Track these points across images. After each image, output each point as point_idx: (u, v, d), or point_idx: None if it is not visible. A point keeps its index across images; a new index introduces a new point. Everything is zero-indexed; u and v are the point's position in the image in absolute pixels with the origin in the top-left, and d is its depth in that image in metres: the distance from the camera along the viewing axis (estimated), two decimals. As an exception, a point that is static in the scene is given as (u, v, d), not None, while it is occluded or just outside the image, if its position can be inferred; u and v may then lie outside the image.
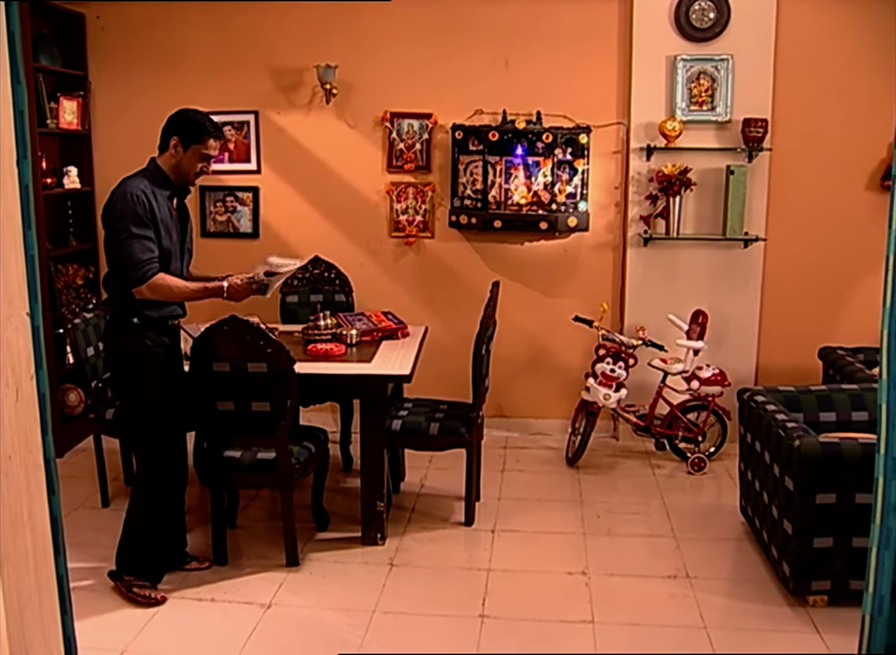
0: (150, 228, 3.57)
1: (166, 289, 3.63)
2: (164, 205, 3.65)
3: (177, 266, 3.75)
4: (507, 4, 5.62)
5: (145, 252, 3.57)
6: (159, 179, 3.68)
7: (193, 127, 3.68)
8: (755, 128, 5.40)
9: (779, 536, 3.84)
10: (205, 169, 3.74)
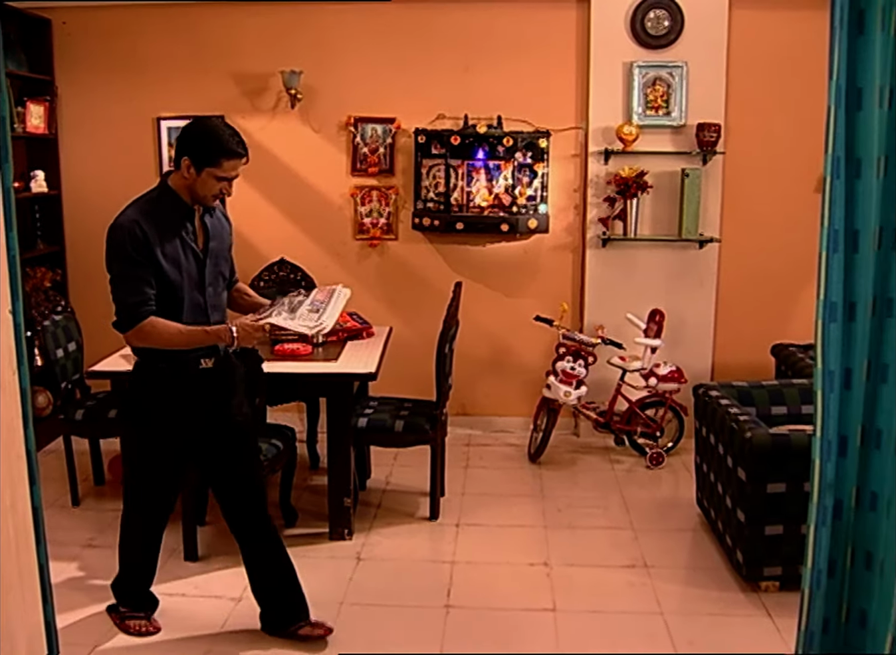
0: (144, 267, 3.13)
1: (155, 336, 3.19)
2: (170, 233, 3.20)
3: (196, 299, 3.29)
4: (467, 11, 5.74)
5: (133, 294, 3.14)
6: (167, 203, 3.23)
7: (206, 146, 3.12)
8: (709, 132, 5.56)
9: (732, 525, 3.99)
10: (224, 191, 3.22)
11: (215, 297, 3.38)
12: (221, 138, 3.12)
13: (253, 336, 3.23)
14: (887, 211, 1.80)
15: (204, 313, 3.31)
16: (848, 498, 1.95)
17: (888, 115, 1.77)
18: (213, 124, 3.19)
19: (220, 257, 3.39)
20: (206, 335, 3.24)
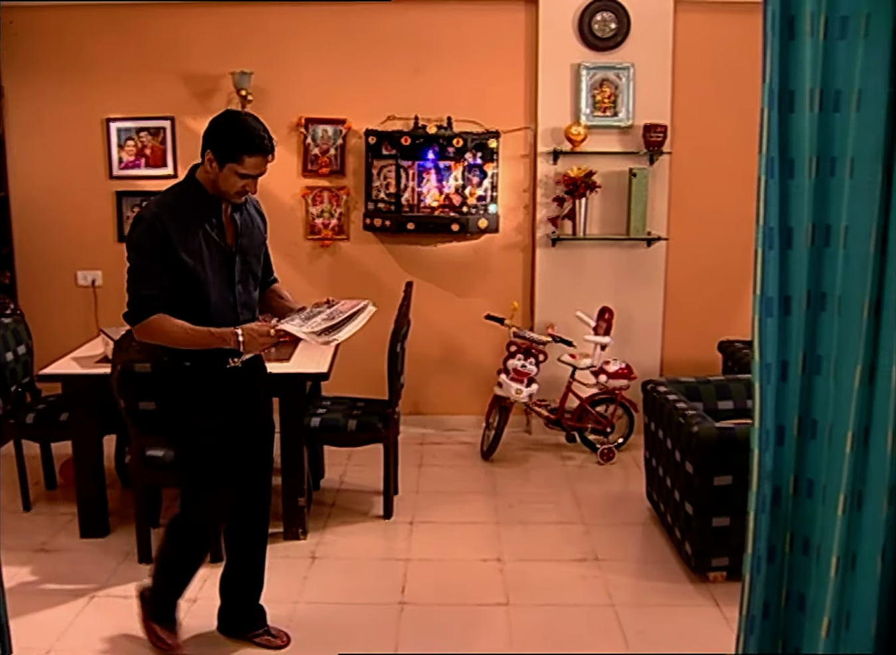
0: (160, 262, 3.04)
1: (160, 334, 3.10)
2: (194, 228, 3.09)
3: (225, 296, 3.18)
4: (417, 13, 5.78)
5: (145, 288, 3.06)
6: (192, 196, 3.13)
7: (228, 140, 3.01)
8: (655, 132, 5.66)
9: (681, 518, 4.07)
10: (248, 188, 3.10)
11: (245, 295, 3.26)
12: (245, 133, 3.01)
13: (259, 341, 3.07)
14: (819, 209, 1.88)
15: (233, 311, 3.20)
16: (786, 486, 2.02)
17: (819, 117, 1.84)
18: (238, 118, 3.07)
19: (251, 254, 3.28)
20: (210, 337, 3.09)
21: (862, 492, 1.93)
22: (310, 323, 3.12)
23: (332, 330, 3.08)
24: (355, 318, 3.17)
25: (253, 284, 3.32)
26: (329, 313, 3.17)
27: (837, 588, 1.96)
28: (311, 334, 3.04)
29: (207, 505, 3.36)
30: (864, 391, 1.87)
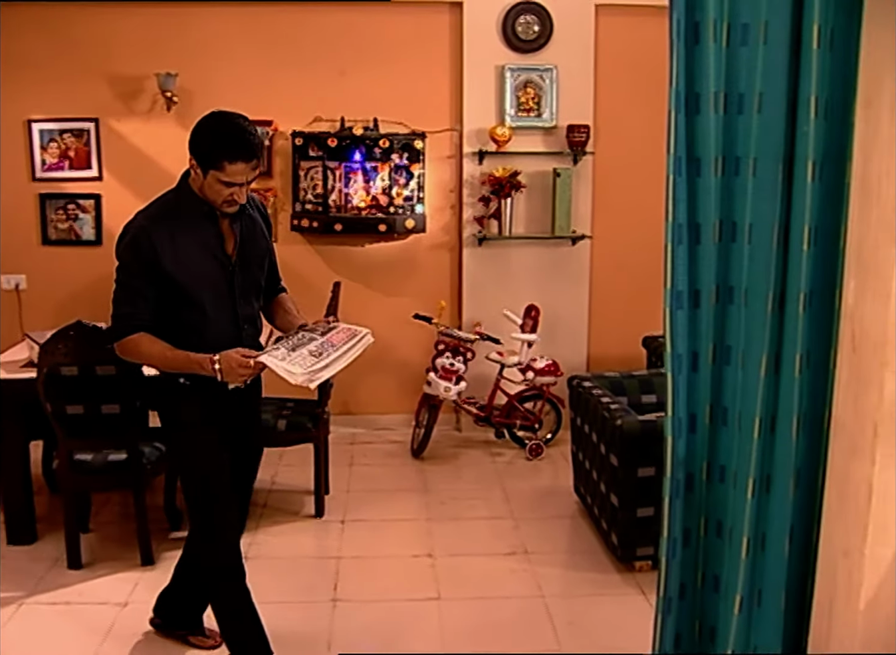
0: (144, 279, 2.85)
1: (136, 354, 2.94)
2: (187, 238, 2.89)
3: (225, 311, 2.98)
4: (343, 15, 5.80)
5: (125, 305, 2.90)
6: (184, 204, 2.92)
7: (208, 146, 2.76)
8: (578, 133, 5.77)
9: (607, 509, 4.17)
10: (235, 197, 2.83)
11: (248, 309, 3.06)
12: (225, 137, 2.76)
13: (237, 372, 2.82)
14: (726, 206, 1.97)
15: (234, 326, 3.00)
16: (699, 472, 2.11)
17: (724, 119, 1.93)
18: (220, 120, 2.82)
19: (253, 264, 3.05)
20: (188, 362, 2.88)
21: (770, 476, 2.02)
22: (295, 355, 2.82)
23: (315, 366, 2.78)
24: (348, 351, 2.91)
25: (256, 296, 3.12)
26: (320, 344, 2.89)
27: (748, 567, 2.06)
28: (291, 373, 2.73)
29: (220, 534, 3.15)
30: (770, 380, 1.97)
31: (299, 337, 2.95)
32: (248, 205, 3.02)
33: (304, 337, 2.94)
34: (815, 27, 1.83)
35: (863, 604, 1.90)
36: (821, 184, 1.91)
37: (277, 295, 3.33)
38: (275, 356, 2.79)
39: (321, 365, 2.79)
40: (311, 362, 2.79)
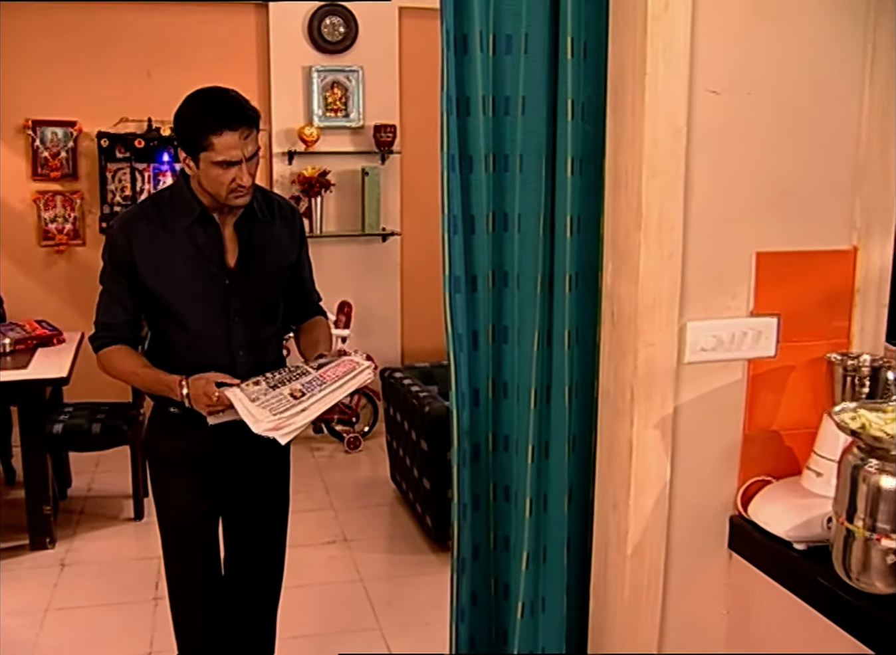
0: (123, 284, 2.51)
1: (111, 369, 2.58)
2: (173, 243, 2.50)
3: (214, 331, 2.55)
4: (148, 15, 5.78)
5: (103, 313, 2.57)
6: (176, 203, 2.53)
7: (189, 127, 2.40)
8: (385, 132, 5.96)
9: (421, 494, 4.36)
10: (238, 181, 2.40)
11: (249, 332, 2.58)
12: (204, 111, 2.39)
13: (202, 402, 2.41)
14: (497, 199, 2.16)
15: (226, 350, 2.55)
16: (484, 442, 2.30)
17: (492, 120, 2.12)
18: (197, 96, 2.45)
19: (260, 280, 2.59)
20: (158, 382, 2.51)
21: (548, 442, 2.23)
22: (271, 396, 2.38)
23: (290, 415, 2.32)
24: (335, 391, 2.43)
25: (265, 317, 2.64)
26: (308, 381, 2.42)
27: (533, 527, 2.26)
28: (255, 420, 2.30)
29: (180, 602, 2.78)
30: (543, 354, 2.18)
31: (290, 370, 2.51)
32: (263, 209, 2.61)
33: (296, 372, 2.48)
34: (569, 40, 2.04)
35: (630, 550, 2.14)
36: (581, 178, 2.13)
37: (308, 319, 2.86)
38: (247, 393, 2.39)
39: (295, 410, 2.32)
40: (285, 406, 2.33)
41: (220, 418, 2.45)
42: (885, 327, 2.28)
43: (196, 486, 2.64)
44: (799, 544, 2.03)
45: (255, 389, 2.40)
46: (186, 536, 2.70)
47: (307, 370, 2.48)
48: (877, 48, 2.09)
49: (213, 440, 2.54)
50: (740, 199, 2.07)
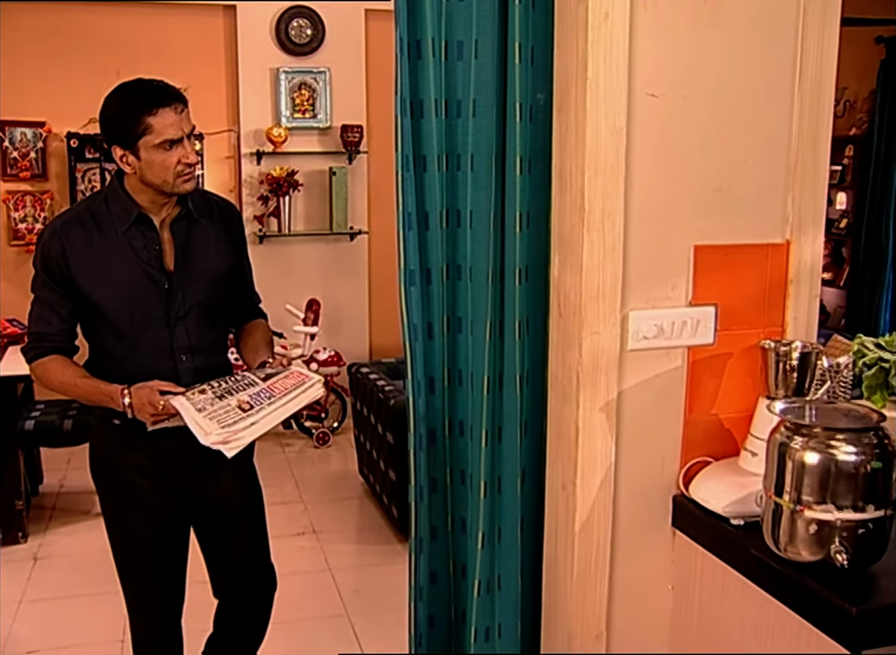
0: (57, 292, 2.43)
1: (47, 381, 2.49)
2: (109, 248, 2.41)
3: (156, 338, 2.45)
4: (116, 16, 5.87)
5: (35, 322, 2.48)
6: (112, 206, 2.44)
7: (120, 114, 2.33)
8: (352, 133, 6.08)
9: (387, 485, 4.48)
10: (184, 160, 2.35)
11: (193, 337, 2.50)
12: (133, 95, 2.35)
13: (147, 411, 2.33)
14: (450, 196, 2.28)
15: (168, 356, 2.47)
16: (440, 427, 2.42)
17: (445, 122, 2.25)
18: (120, 87, 2.39)
19: (200, 282, 2.51)
20: (98, 393, 2.41)
21: (501, 427, 2.35)
22: (218, 406, 2.31)
23: (239, 429, 2.23)
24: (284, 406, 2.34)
25: (207, 320, 2.55)
26: (256, 392, 2.35)
27: (488, 508, 2.38)
28: (203, 431, 2.23)
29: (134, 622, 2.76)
30: (495, 344, 2.30)
31: (237, 378, 2.44)
32: (200, 209, 2.55)
33: (242, 381, 2.42)
34: (517, 45, 2.16)
35: (578, 528, 2.26)
36: (530, 177, 2.25)
37: (249, 321, 2.80)
38: (193, 402, 2.32)
39: (244, 424, 2.24)
40: (233, 418, 2.25)
41: (162, 425, 2.38)
42: (817, 316, 2.43)
43: (151, 499, 2.53)
44: (736, 519, 2.17)
45: (201, 399, 2.33)
46: (147, 559, 2.62)
47: (254, 380, 2.41)
48: (805, 54, 2.24)
49: (164, 448, 2.47)
50: (678, 196, 2.20)
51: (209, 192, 2.80)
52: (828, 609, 1.87)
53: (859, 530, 1.88)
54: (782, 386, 2.24)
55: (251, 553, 2.76)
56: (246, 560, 2.75)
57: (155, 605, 2.70)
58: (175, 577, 2.70)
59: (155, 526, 2.57)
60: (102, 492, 2.65)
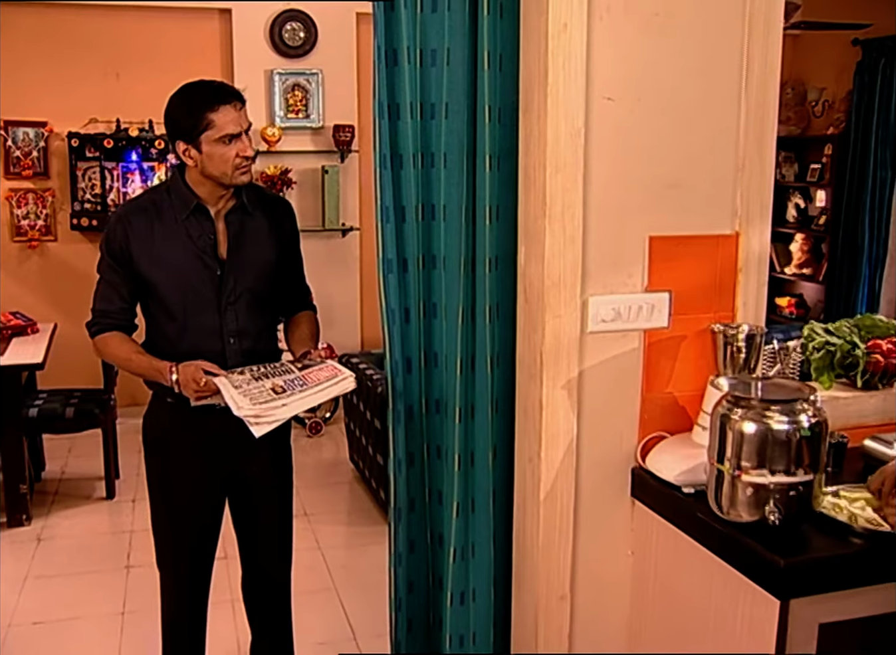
0: (120, 273, 2.61)
1: (106, 355, 2.78)
2: (169, 235, 2.60)
3: (206, 320, 2.63)
4: (116, 20, 6.04)
5: (99, 301, 2.68)
6: (173, 197, 2.62)
7: (185, 112, 2.52)
8: (344, 133, 6.27)
9: (375, 470, 4.67)
10: (242, 153, 2.53)
11: (242, 321, 2.66)
12: (196, 93, 2.55)
13: (191, 388, 2.50)
14: (425, 192, 2.48)
15: (217, 337, 2.64)
16: (417, 405, 2.61)
17: (420, 123, 2.44)
18: (184, 87, 2.60)
19: (250, 271, 2.66)
20: (150, 368, 2.60)
21: (474, 405, 2.55)
22: (253, 386, 2.49)
23: (270, 408, 2.41)
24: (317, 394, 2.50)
25: (255, 307, 2.70)
26: (291, 379, 2.52)
27: (462, 480, 2.58)
28: (237, 405, 2.40)
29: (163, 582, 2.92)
30: (467, 328, 2.49)
31: (275, 366, 2.62)
32: (253, 203, 2.71)
33: (279, 368, 2.60)
34: (486, 53, 2.36)
35: (543, 496, 2.46)
36: (499, 174, 2.44)
37: (297, 312, 2.98)
38: (232, 381, 2.50)
39: (276, 404, 2.41)
40: (265, 398, 2.43)
41: (204, 402, 2.55)
42: (765, 302, 2.62)
43: (196, 472, 2.72)
44: (687, 488, 2.37)
45: (239, 378, 2.51)
46: (184, 522, 2.79)
47: (291, 369, 2.58)
48: (751, 59, 2.43)
49: (210, 427, 2.63)
50: (634, 191, 2.40)
51: (263, 188, 2.98)
52: (760, 563, 2.07)
53: (790, 492, 2.08)
54: (730, 365, 2.45)
55: (277, 526, 2.93)
56: (271, 532, 2.91)
57: (187, 575, 2.87)
58: (208, 547, 2.88)
59: (197, 496, 2.76)
60: (153, 463, 2.81)
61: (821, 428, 2.11)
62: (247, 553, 2.95)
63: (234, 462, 2.74)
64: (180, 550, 2.84)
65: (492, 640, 2.67)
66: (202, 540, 2.84)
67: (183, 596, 2.89)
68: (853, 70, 6.36)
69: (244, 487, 2.83)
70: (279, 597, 3.00)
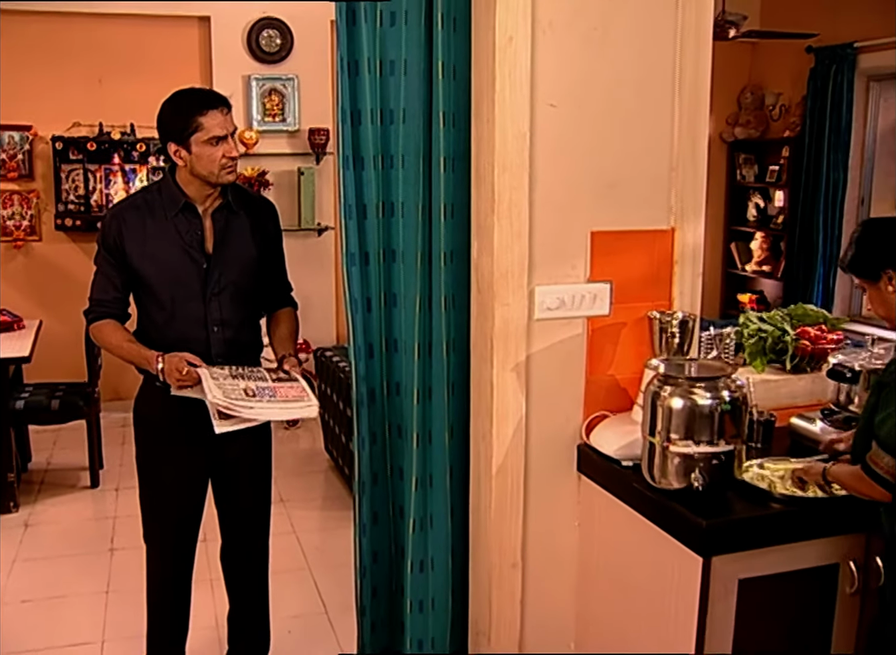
0: (114, 265, 2.81)
1: (100, 341, 2.92)
2: (159, 231, 2.77)
3: (193, 311, 2.81)
4: (98, 26, 6.21)
5: (96, 291, 2.87)
6: (164, 196, 2.80)
7: (175, 115, 2.72)
8: (319, 136, 6.48)
9: (347, 457, 4.87)
10: (228, 154, 2.71)
11: (226, 312, 2.84)
12: (187, 99, 2.74)
13: (174, 377, 2.68)
14: (385, 191, 2.70)
15: (202, 327, 2.82)
16: (379, 388, 2.82)
17: (380, 128, 2.66)
18: (175, 93, 2.78)
19: (233, 266, 2.84)
20: (139, 356, 2.78)
21: (431, 388, 2.76)
22: (228, 383, 2.66)
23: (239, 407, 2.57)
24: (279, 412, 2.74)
25: (239, 299, 2.88)
26: (262, 388, 2.70)
27: (421, 457, 2.79)
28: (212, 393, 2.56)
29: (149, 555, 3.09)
30: (424, 316, 2.71)
31: (252, 370, 2.80)
32: (238, 202, 2.88)
33: (256, 374, 2.78)
34: (440, 64, 2.57)
35: (494, 471, 2.67)
36: (453, 174, 2.66)
37: (279, 307, 3.19)
38: (212, 373, 2.66)
39: (244, 404, 2.58)
40: (236, 396, 2.59)
41: (184, 392, 2.71)
42: (700, 292, 2.84)
43: (180, 450, 2.90)
44: (626, 461, 2.59)
45: (218, 372, 2.68)
46: (170, 499, 2.96)
47: (266, 377, 2.77)
48: (682, 69, 2.66)
49: (196, 412, 2.72)
50: (576, 189, 2.63)
51: (248, 190, 3.18)
52: (686, 525, 2.30)
53: (713, 460, 2.31)
54: (665, 349, 2.67)
55: (255, 501, 3.12)
56: (250, 507, 3.10)
57: (172, 548, 3.05)
58: (191, 523, 3.05)
59: (182, 473, 2.93)
60: (142, 441, 2.99)
61: (741, 403, 2.34)
62: (227, 525, 3.13)
63: (217, 444, 2.86)
64: (166, 525, 3.01)
65: (450, 605, 2.89)
66: (186, 516, 3.01)
67: (168, 569, 3.07)
68: (807, 76, 6.62)
69: (226, 467, 3.00)
70: (256, 566, 3.21)
